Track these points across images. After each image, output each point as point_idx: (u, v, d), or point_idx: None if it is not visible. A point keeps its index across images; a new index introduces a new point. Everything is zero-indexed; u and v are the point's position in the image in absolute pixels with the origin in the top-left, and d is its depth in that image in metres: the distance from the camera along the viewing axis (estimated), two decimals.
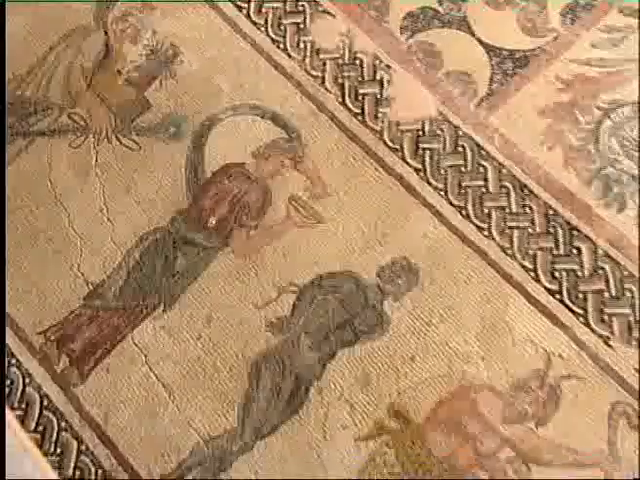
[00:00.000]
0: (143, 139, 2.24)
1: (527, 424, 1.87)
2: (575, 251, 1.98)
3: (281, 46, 2.30)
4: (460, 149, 2.12)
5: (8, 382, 2.06)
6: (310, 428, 1.93)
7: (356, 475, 1.87)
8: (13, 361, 2.09)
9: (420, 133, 2.15)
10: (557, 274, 1.97)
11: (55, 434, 1.98)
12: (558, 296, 1.95)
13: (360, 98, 2.20)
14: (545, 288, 1.96)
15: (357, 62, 2.27)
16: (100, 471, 1.94)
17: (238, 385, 1.98)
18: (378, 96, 2.20)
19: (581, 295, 1.95)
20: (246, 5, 2.39)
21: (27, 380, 2.04)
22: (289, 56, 2.29)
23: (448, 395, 1.92)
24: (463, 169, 2.10)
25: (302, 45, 2.30)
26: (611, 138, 2.09)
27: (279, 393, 1.98)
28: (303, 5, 2.36)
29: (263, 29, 2.34)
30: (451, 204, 2.07)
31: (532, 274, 1.98)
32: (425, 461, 1.87)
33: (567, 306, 1.93)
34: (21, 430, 1.99)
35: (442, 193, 2.08)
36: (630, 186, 2.03)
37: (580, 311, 1.93)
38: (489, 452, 1.87)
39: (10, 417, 1.99)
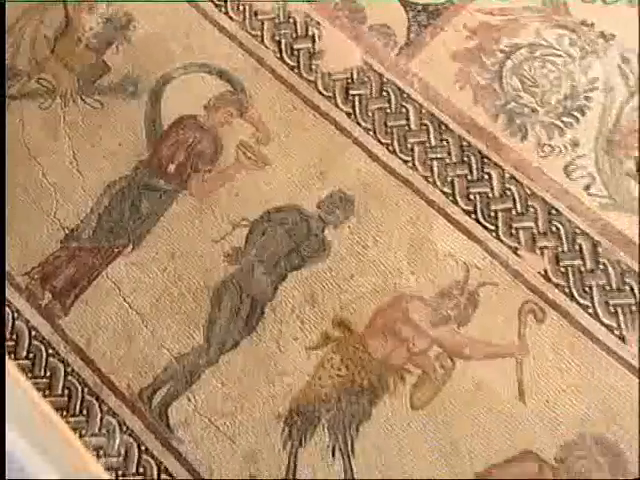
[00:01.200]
0: (105, 98, 2.31)
1: (451, 325, 2.02)
2: (486, 176, 2.13)
3: (223, 10, 2.39)
4: (385, 93, 2.24)
5: None
6: (267, 342, 2.06)
7: (308, 377, 2.01)
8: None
9: (349, 81, 2.26)
10: (472, 197, 2.12)
11: (44, 360, 2.08)
12: (473, 216, 2.10)
13: (295, 53, 2.31)
14: (462, 209, 2.11)
15: (291, 21, 2.37)
16: (86, 389, 2.05)
17: (202, 309, 2.10)
18: (311, 50, 2.31)
19: (492, 213, 2.09)
20: None
21: (16, 315, 2.14)
22: (231, 19, 2.38)
23: (384, 306, 2.06)
24: (388, 111, 2.22)
25: (242, 8, 2.39)
26: (513, 77, 2.22)
27: (238, 313, 2.11)
28: None
29: None
30: (379, 142, 2.19)
31: (451, 198, 2.12)
32: (366, 363, 2.02)
33: (481, 223, 2.08)
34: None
35: (371, 133, 2.21)
36: (530, 117, 2.18)
37: (492, 227, 2.08)
38: (420, 351, 2.02)
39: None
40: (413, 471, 1.90)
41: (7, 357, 2.10)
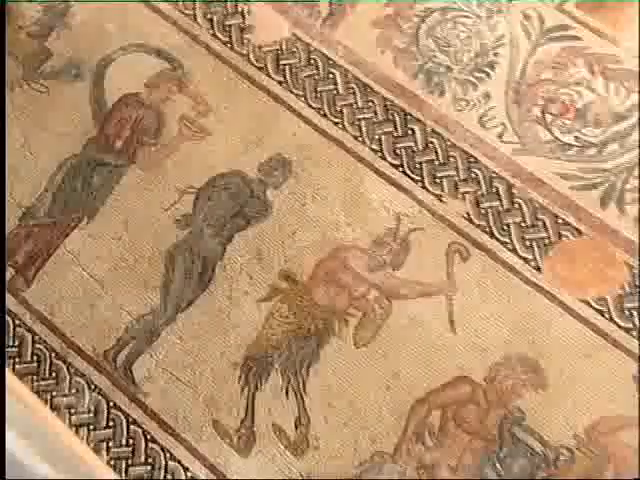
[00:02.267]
0: (50, 83, 2.33)
1: (387, 269, 2.11)
2: (410, 132, 2.20)
3: None
4: (312, 62, 2.29)
5: None
6: (219, 298, 2.13)
7: (260, 327, 2.11)
8: None
9: (279, 52, 2.31)
10: (398, 151, 2.19)
11: (12, 330, 2.12)
12: (401, 168, 2.17)
13: (227, 29, 2.34)
14: (390, 163, 2.18)
15: None
16: (53, 354, 2.10)
17: (157, 272, 2.15)
18: (241, 25, 2.34)
19: (418, 165, 2.17)
20: None
21: None
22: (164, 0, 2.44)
23: (324, 257, 2.14)
24: (317, 77, 2.28)
25: None
26: (428, 39, 2.28)
27: (191, 274, 2.16)
28: None
29: None
30: (311, 106, 2.25)
31: (379, 154, 2.20)
32: (312, 310, 2.10)
33: (408, 175, 2.16)
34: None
35: (302, 99, 2.27)
36: (446, 75, 2.25)
37: (418, 178, 2.16)
38: (360, 295, 2.10)
39: None
40: (360, 402, 1.99)
41: None
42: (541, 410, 1.93)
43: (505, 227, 2.10)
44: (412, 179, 2.16)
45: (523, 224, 2.09)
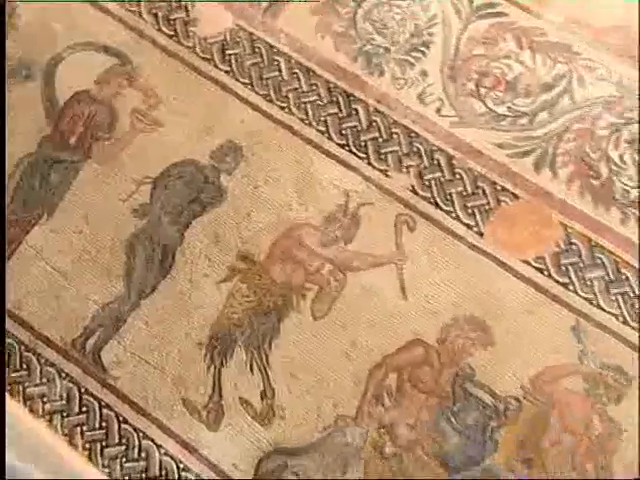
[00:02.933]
0: None
1: (339, 244, 2.17)
2: (354, 112, 2.27)
3: None
4: (257, 50, 2.34)
5: None
6: (181, 282, 2.17)
7: (222, 307, 2.15)
8: None
9: (224, 43, 2.36)
10: (344, 131, 2.25)
11: None
12: (347, 147, 2.24)
13: (172, 23, 2.38)
14: (337, 143, 2.25)
15: None
16: (22, 346, 2.12)
17: (119, 262, 2.18)
18: (185, 19, 2.39)
19: (363, 143, 2.24)
20: None
21: None
22: None
23: (279, 236, 2.19)
24: (262, 65, 2.33)
25: None
26: (365, 22, 2.35)
27: (152, 261, 2.20)
28: None
29: None
30: (257, 93, 2.30)
31: (326, 135, 2.26)
32: (270, 287, 2.16)
33: (354, 153, 2.23)
34: None
35: (249, 86, 2.31)
36: (384, 56, 2.31)
37: (364, 155, 2.23)
38: (315, 270, 2.17)
39: None
40: (321, 371, 2.06)
41: None
42: (490, 365, 2.02)
43: (448, 197, 2.18)
44: (358, 157, 2.23)
45: (464, 193, 2.17)
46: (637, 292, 2.02)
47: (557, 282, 2.06)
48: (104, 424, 2.06)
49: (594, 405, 1.95)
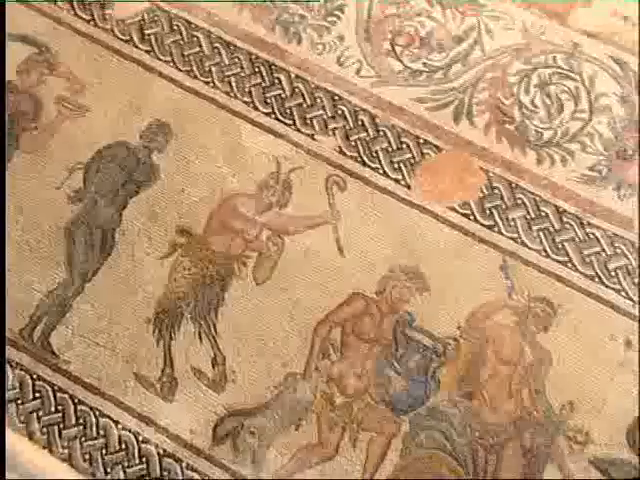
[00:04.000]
0: None
1: (274, 210, 2.21)
2: (276, 81, 2.30)
3: None
4: (175, 27, 2.34)
5: None
6: (123, 262, 2.17)
7: (166, 281, 2.15)
8: None
9: (142, 23, 2.35)
10: (268, 100, 2.28)
11: None
12: (273, 116, 2.26)
13: (87, 7, 2.37)
14: (263, 113, 2.27)
15: None
16: None
17: (59, 249, 2.17)
18: (102, 2, 2.37)
19: (288, 110, 2.27)
20: None
21: None
22: None
23: (216, 208, 2.21)
24: (182, 42, 2.33)
25: None
26: None
27: (92, 245, 2.19)
28: None
29: None
30: (180, 70, 2.30)
31: (252, 105, 2.28)
32: (211, 258, 2.18)
33: (281, 121, 2.26)
34: None
35: (171, 64, 2.31)
36: (301, 23, 2.34)
37: (290, 122, 2.26)
38: (253, 237, 2.19)
39: None
40: (268, 333, 2.09)
41: None
42: (427, 310, 2.09)
43: (374, 154, 2.23)
44: (285, 124, 2.26)
45: (390, 149, 2.23)
46: (556, 227, 2.13)
47: (483, 225, 2.14)
48: (60, 407, 2.06)
49: (525, 336, 2.04)
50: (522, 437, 1.96)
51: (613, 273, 2.09)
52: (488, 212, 2.15)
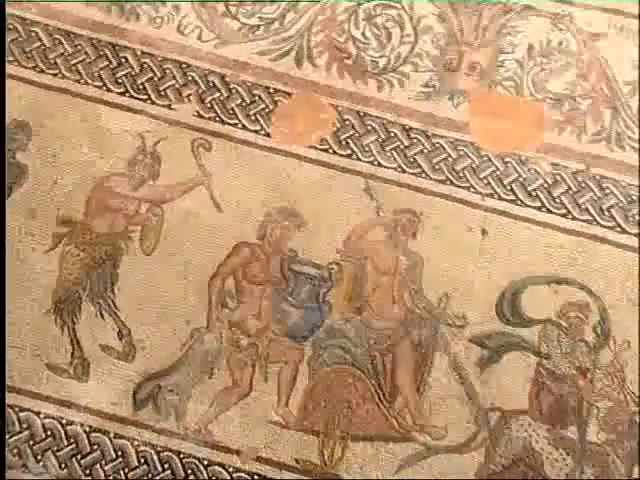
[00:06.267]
0: None
1: (148, 183, 2.24)
2: (123, 60, 2.28)
3: None
4: (12, 26, 2.29)
5: None
6: (11, 264, 2.15)
7: (57, 272, 2.15)
8: None
9: None
10: (120, 80, 2.28)
11: None
12: (127, 94, 2.27)
13: None
14: (117, 93, 2.27)
15: None
16: None
17: None
18: None
19: (141, 86, 2.28)
20: None
21: None
22: None
23: (91, 192, 2.22)
24: (21, 39, 2.29)
25: None
26: None
27: None
28: None
29: None
30: (26, 68, 2.27)
31: (104, 88, 2.28)
32: (96, 240, 2.20)
33: (136, 98, 2.27)
34: None
35: (15, 63, 2.28)
36: (135, 1, 2.35)
37: (145, 97, 2.28)
38: (133, 212, 2.22)
39: None
40: (166, 297, 2.15)
41: None
42: (307, 243, 2.20)
43: (231, 111, 2.29)
44: (140, 99, 2.29)
45: (244, 104, 2.29)
46: (406, 143, 2.29)
47: (341, 155, 2.25)
48: None
49: (397, 246, 2.19)
50: (410, 334, 2.13)
51: (461, 174, 2.26)
52: (344, 143, 2.26)
